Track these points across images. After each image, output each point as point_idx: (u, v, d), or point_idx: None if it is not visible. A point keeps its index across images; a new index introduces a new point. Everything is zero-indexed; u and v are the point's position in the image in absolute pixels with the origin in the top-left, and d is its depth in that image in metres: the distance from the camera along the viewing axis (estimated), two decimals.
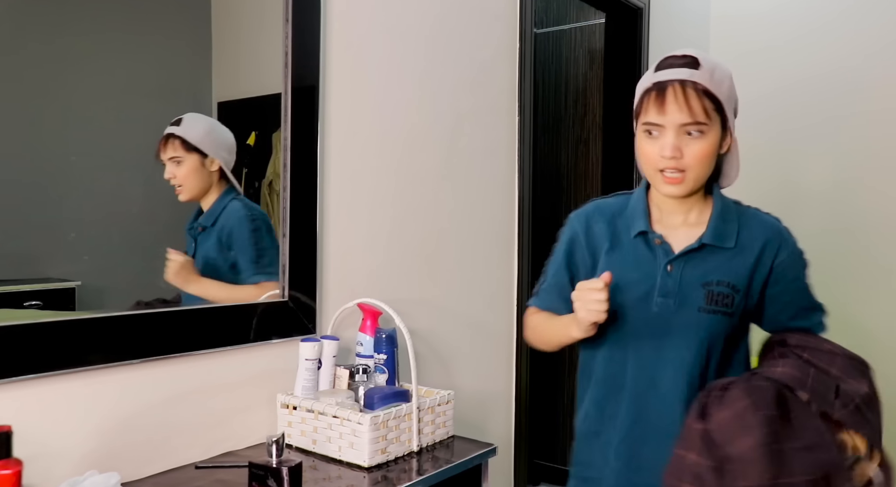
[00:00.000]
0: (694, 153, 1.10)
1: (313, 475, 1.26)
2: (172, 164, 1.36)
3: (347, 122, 1.63)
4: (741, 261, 1.17)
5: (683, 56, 1.12)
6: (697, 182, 1.14)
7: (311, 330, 1.52)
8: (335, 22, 1.58)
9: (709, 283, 1.15)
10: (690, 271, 1.16)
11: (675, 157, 1.10)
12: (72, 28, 1.18)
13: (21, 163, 1.12)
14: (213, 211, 1.43)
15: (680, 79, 1.10)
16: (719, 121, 1.12)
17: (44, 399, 1.12)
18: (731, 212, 1.21)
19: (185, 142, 1.36)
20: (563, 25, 3.17)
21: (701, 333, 1.16)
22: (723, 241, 1.17)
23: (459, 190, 1.96)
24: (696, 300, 1.15)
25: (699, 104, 1.09)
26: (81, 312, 1.18)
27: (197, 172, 1.40)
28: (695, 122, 1.09)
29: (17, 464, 0.93)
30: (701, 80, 1.09)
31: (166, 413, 1.29)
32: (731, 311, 1.16)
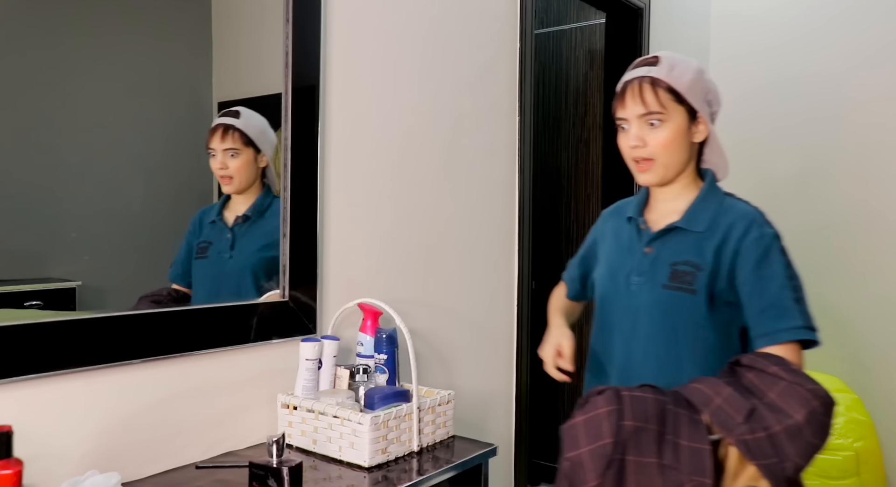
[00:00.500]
0: (656, 141, 1.21)
1: (314, 475, 1.26)
2: (226, 155, 1.37)
3: (348, 122, 1.63)
4: (709, 243, 1.22)
5: (644, 58, 1.26)
6: (668, 168, 1.24)
7: (311, 330, 1.52)
8: (335, 22, 1.58)
9: (676, 263, 1.23)
10: (665, 253, 1.25)
11: (638, 146, 1.22)
12: (73, 29, 1.18)
13: (22, 163, 1.12)
14: (258, 204, 1.45)
15: (639, 76, 1.22)
16: (683, 111, 1.21)
17: (44, 399, 1.12)
18: (712, 199, 1.26)
19: (245, 135, 1.38)
20: (564, 25, 3.17)
21: (662, 308, 1.22)
22: (693, 225, 1.24)
23: (460, 190, 1.96)
24: (661, 278, 1.24)
25: (653, 96, 1.20)
26: (82, 312, 1.18)
27: (249, 167, 1.42)
28: (650, 112, 1.20)
29: (18, 464, 0.93)
30: (658, 74, 1.21)
31: (167, 413, 1.29)
32: (693, 288, 1.20)
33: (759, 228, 1.21)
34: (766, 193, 3.18)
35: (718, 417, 1.02)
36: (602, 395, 1.05)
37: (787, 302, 1.16)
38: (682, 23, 3.15)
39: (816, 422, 1.02)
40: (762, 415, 1.01)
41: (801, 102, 3.07)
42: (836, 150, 3.00)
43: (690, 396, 1.06)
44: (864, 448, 2.60)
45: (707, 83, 1.25)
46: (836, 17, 2.99)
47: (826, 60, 3.01)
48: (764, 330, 1.16)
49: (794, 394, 1.04)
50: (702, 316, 1.20)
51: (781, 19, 3.13)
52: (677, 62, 1.22)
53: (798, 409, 1.02)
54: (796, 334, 1.15)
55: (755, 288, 1.17)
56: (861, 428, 2.63)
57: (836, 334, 2.98)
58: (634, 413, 1.01)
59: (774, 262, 1.18)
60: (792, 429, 1.00)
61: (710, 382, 1.08)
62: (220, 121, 1.37)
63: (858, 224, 2.93)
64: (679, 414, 1.03)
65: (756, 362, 1.09)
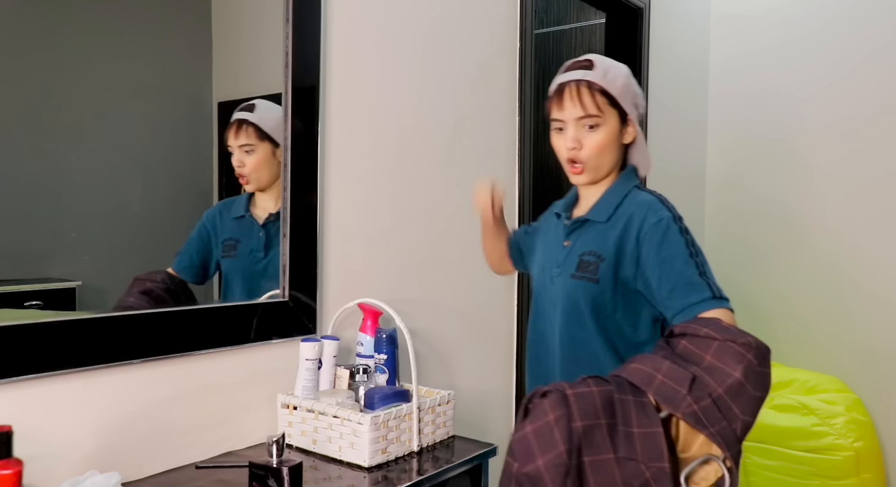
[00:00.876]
0: (591, 144, 1.26)
1: (314, 475, 1.26)
2: (242, 152, 1.30)
3: (348, 122, 1.63)
4: (610, 233, 1.26)
5: (576, 61, 1.30)
6: (599, 170, 1.29)
7: (311, 329, 1.52)
8: (336, 22, 1.58)
9: (583, 253, 1.28)
10: (578, 244, 1.31)
11: (574, 148, 1.26)
12: (73, 28, 1.18)
13: (21, 163, 1.12)
14: None
15: (576, 79, 1.26)
16: (616, 115, 1.27)
17: (44, 398, 1.12)
18: (619, 191, 1.30)
19: (260, 129, 1.31)
20: (564, 25, 3.17)
21: (569, 297, 1.28)
22: (598, 216, 1.29)
23: (460, 189, 1.96)
24: (571, 268, 1.29)
25: (591, 99, 1.24)
26: (82, 312, 1.18)
27: (267, 162, 1.35)
28: (588, 115, 1.25)
29: (18, 464, 0.93)
30: (594, 78, 1.25)
31: (167, 413, 1.29)
32: (596, 278, 1.25)
33: (656, 213, 1.22)
34: (768, 193, 3.18)
35: (663, 394, 1.01)
36: (547, 398, 1.02)
37: (693, 278, 1.17)
38: (682, 23, 3.15)
39: (754, 375, 1.02)
40: (704, 382, 1.01)
41: (802, 101, 3.07)
42: (839, 149, 3.00)
43: (632, 378, 1.05)
44: (865, 449, 2.60)
45: (635, 87, 1.30)
46: (837, 17, 2.98)
47: (826, 60, 3.01)
48: (677, 308, 1.17)
49: (728, 351, 1.03)
50: (606, 304, 1.25)
51: (782, 19, 3.13)
52: (610, 66, 1.28)
53: (735, 366, 1.02)
54: (708, 305, 1.15)
55: (661, 271, 1.19)
56: (861, 429, 2.63)
57: (836, 334, 2.99)
58: (582, 412, 0.99)
59: (674, 243, 1.19)
60: (734, 388, 1.00)
61: (649, 359, 1.07)
62: (235, 117, 1.33)
63: (860, 224, 2.93)
64: (625, 401, 1.02)
65: (687, 328, 1.10)
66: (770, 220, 3.16)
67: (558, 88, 1.28)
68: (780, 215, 3.14)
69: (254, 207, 1.37)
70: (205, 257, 1.34)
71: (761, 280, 3.18)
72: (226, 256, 1.34)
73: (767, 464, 2.62)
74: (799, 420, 2.59)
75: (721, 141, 3.31)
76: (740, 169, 3.26)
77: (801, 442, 2.56)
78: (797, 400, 2.66)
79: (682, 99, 3.17)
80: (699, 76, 3.30)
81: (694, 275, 1.17)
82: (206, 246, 1.33)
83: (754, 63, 3.21)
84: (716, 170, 3.33)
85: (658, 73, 2.89)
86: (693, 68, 3.25)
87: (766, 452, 2.62)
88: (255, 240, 1.36)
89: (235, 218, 1.34)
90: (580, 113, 1.25)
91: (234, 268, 1.35)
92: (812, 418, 2.59)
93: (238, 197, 1.38)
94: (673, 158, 3.07)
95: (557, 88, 1.29)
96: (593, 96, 1.24)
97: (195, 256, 1.33)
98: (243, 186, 1.33)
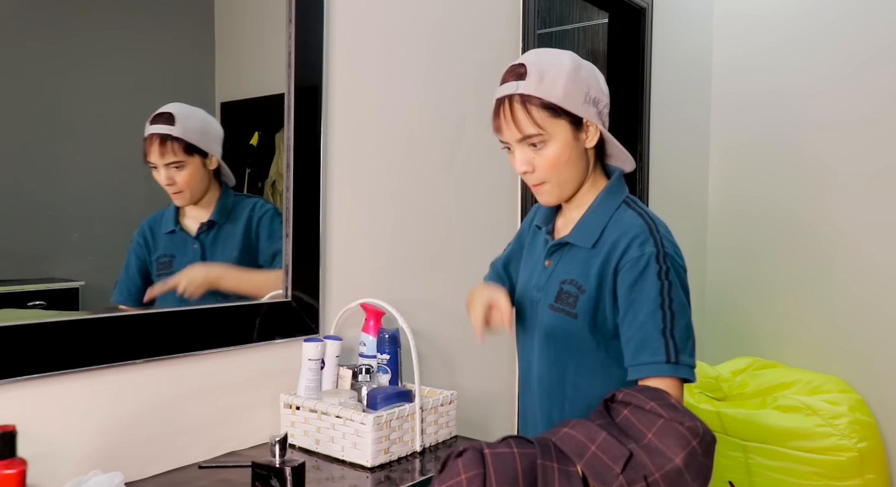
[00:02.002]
0: (543, 163, 1.10)
1: (316, 475, 1.26)
2: (170, 169, 1.22)
3: (351, 122, 1.63)
4: (594, 262, 1.11)
5: (512, 68, 1.11)
6: (564, 186, 1.13)
7: (314, 330, 1.52)
8: (338, 22, 1.58)
9: (564, 281, 1.14)
10: (560, 268, 1.16)
11: (527, 172, 1.11)
12: (75, 28, 1.18)
13: (24, 163, 1.12)
14: (221, 208, 1.34)
15: (508, 94, 1.09)
16: (565, 123, 1.08)
17: (48, 398, 1.12)
18: (605, 210, 1.14)
19: (187, 143, 1.24)
20: (566, 25, 3.17)
21: (545, 330, 1.16)
22: (582, 241, 1.13)
23: (463, 190, 1.96)
24: (550, 297, 1.15)
25: (526, 117, 1.07)
26: (85, 312, 1.18)
27: (199, 175, 1.28)
28: (526, 136, 1.08)
29: (22, 464, 0.93)
30: (527, 90, 1.07)
31: (169, 412, 1.29)
32: (574, 312, 1.11)
33: (640, 247, 1.07)
34: (771, 194, 3.18)
35: (593, 469, 0.92)
36: (462, 457, 0.93)
37: (652, 334, 1.04)
38: (685, 23, 3.14)
39: (696, 465, 0.92)
40: (640, 462, 0.92)
41: (806, 101, 3.07)
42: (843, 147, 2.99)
43: (562, 444, 0.95)
44: (868, 449, 2.59)
45: (586, 80, 1.09)
46: (840, 17, 2.98)
47: (830, 60, 3.00)
48: (628, 361, 1.07)
49: (671, 433, 0.93)
50: (585, 342, 1.12)
51: (785, 19, 3.12)
52: (547, 67, 1.08)
53: (677, 451, 0.91)
54: (655, 370, 1.03)
55: (626, 315, 1.07)
56: (865, 429, 2.63)
57: (839, 335, 2.98)
58: (500, 476, 0.90)
59: (647, 287, 1.05)
60: (671, 474, 0.90)
61: (583, 426, 0.97)
62: (153, 131, 1.22)
63: (865, 225, 2.93)
64: (549, 468, 0.92)
65: (632, 398, 0.98)
66: (773, 221, 3.15)
67: (496, 105, 1.12)
68: (784, 216, 3.13)
69: (184, 219, 1.29)
70: (145, 280, 1.26)
71: (764, 281, 3.17)
72: (161, 274, 1.26)
73: (770, 465, 2.62)
74: (802, 420, 2.59)
75: (724, 141, 3.31)
76: (743, 169, 3.25)
77: (805, 443, 2.56)
78: (800, 401, 2.66)
79: (685, 99, 3.16)
80: (702, 76, 3.30)
81: (654, 331, 1.04)
82: (145, 268, 1.26)
83: (758, 63, 3.20)
84: (719, 171, 3.33)
85: (661, 74, 2.89)
86: (696, 68, 3.24)
87: (769, 452, 2.62)
88: (189, 253, 1.29)
89: (166, 233, 1.27)
90: (517, 135, 1.08)
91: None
92: (815, 418, 2.58)
93: (164, 210, 1.29)
94: (675, 159, 3.07)
95: (495, 105, 1.12)
96: (528, 112, 1.07)
97: (135, 282, 1.25)
98: (175, 201, 1.26)
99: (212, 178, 1.34)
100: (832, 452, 2.53)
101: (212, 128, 1.33)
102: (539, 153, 1.09)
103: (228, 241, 1.37)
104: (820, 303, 3.03)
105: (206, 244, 1.33)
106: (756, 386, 2.88)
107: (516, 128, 1.08)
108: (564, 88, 1.07)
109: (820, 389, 2.80)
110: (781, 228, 3.13)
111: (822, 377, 2.87)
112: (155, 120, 1.23)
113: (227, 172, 1.37)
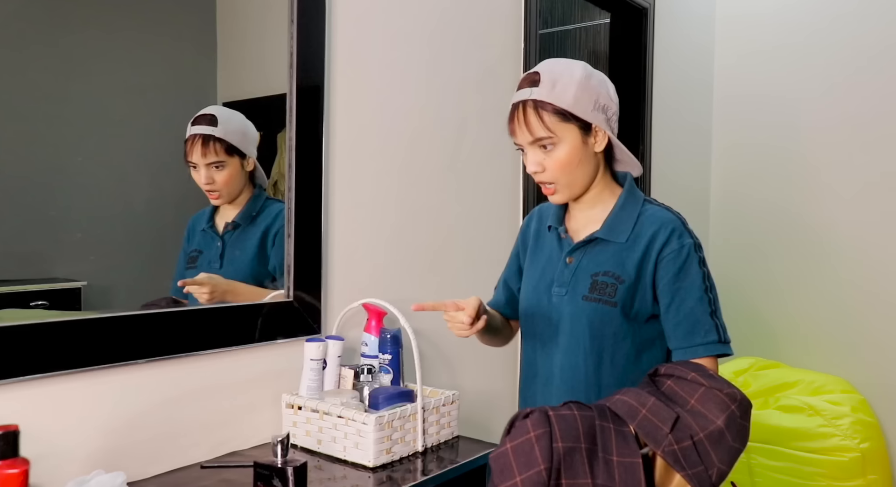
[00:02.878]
0: (552, 165, 1.19)
1: (318, 475, 1.26)
2: (210, 169, 1.28)
3: (353, 123, 1.63)
4: (630, 254, 1.21)
5: (527, 75, 1.20)
6: (572, 187, 1.22)
7: (315, 330, 1.52)
8: (340, 22, 1.58)
9: (596, 274, 1.22)
10: (586, 263, 1.24)
11: (537, 172, 1.20)
12: (78, 28, 1.18)
13: (27, 163, 1.13)
14: (248, 210, 1.39)
15: (522, 100, 1.18)
16: (575, 128, 1.17)
17: (50, 398, 1.13)
18: (632, 208, 1.24)
19: (228, 144, 1.30)
20: (568, 25, 3.17)
21: (583, 321, 1.21)
22: (615, 236, 1.22)
23: (464, 190, 1.96)
24: (582, 289, 1.22)
25: (538, 121, 1.16)
26: (87, 312, 1.18)
27: (237, 176, 1.34)
28: (538, 139, 1.17)
29: (25, 463, 0.93)
30: (540, 96, 1.16)
31: (172, 412, 1.29)
32: (614, 301, 1.19)
33: (679, 239, 1.19)
34: (773, 195, 3.17)
35: (645, 429, 1.01)
36: (529, 418, 1.01)
37: (702, 316, 1.17)
38: (687, 23, 3.14)
39: (736, 426, 1.03)
40: (686, 423, 1.02)
41: (810, 101, 3.06)
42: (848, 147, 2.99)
43: (616, 408, 1.05)
44: (871, 450, 2.59)
45: (596, 88, 1.19)
46: (842, 17, 2.97)
47: (832, 60, 3.00)
48: (679, 343, 1.18)
49: (713, 399, 1.04)
50: (622, 329, 1.20)
51: (787, 20, 3.12)
52: (559, 75, 1.17)
53: (718, 414, 1.03)
54: (710, 349, 1.16)
55: (673, 301, 1.18)
56: (867, 429, 2.62)
57: (842, 335, 2.97)
58: (563, 434, 0.99)
59: (692, 274, 1.18)
60: (714, 435, 1.01)
61: (634, 393, 1.07)
62: (196, 132, 1.29)
63: (866, 225, 2.92)
64: (607, 429, 1.01)
65: (674, 370, 1.10)
66: (774, 222, 3.15)
67: (511, 110, 1.21)
68: (785, 216, 3.13)
69: (218, 217, 1.36)
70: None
71: (766, 281, 3.17)
72: (189, 268, 1.32)
73: (773, 465, 2.61)
74: (804, 421, 2.58)
75: (726, 142, 3.30)
76: (745, 170, 3.25)
77: (807, 443, 2.55)
78: (802, 401, 2.65)
79: (687, 100, 3.16)
80: (704, 77, 3.29)
81: (704, 314, 1.16)
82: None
83: (760, 64, 3.20)
84: (721, 172, 3.32)
85: (662, 74, 2.89)
86: (698, 69, 3.24)
87: (771, 453, 2.61)
88: (213, 250, 1.35)
89: (201, 230, 1.34)
90: (529, 137, 1.18)
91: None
92: (818, 419, 2.58)
93: (207, 208, 1.37)
94: (677, 160, 3.06)
95: (511, 110, 1.22)
96: (540, 117, 1.16)
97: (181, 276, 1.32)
98: (212, 201, 1.32)
99: (247, 180, 1.39)
100: (835, 452, 2.53)
101: (250, 130, 1.39)
102: (549, 155, 1.18)
103: (246, 243, 1.41)
104: (822, 304, 3.02)
105: (227, 243, 1.38)
106: (758, 386, 2.87)
107: (528, 131, 1.17)
108: (575, 95, 1.16)
109: (822, 389, 2.79)
110: (783, 229, 3.13)
111: (824, 377, 2.87)
112: (197, 121, 1.28)
113: (262, 175, 1.42)
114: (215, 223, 1.36)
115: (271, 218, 1.44)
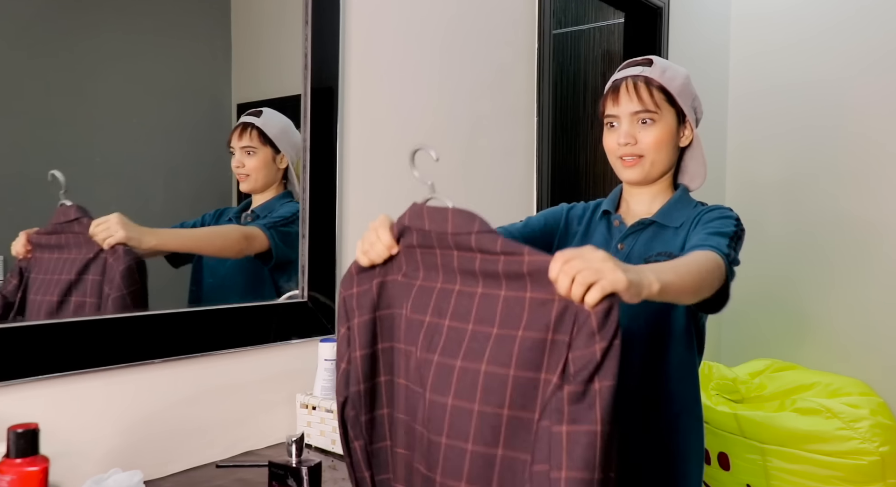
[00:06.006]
0: (647, 139, 1.23)
1: (332, 475, 1.27)
2: (244, 153, 1.38)
3: (366, 123, 1.63)
4: (680, 236, 1.23)
5: (638, 58, 1.29)
6: (654, 167, 1.25)
7: (330, 330, 1.53)
8: (354, 24, 1.59)
9: (649, 257, 1.23)
10: (638, 248, 1.25)
11: (629, 143, 1.23)
12: (95, 30, 1.19)
13: (43, 164, 1.14)
14: (270, 205, 1.44)
15: (633, 75, 1.25)
16: (673, 113, 1.24)
17: (69, 397, 1.14)
18: (686, 203, 1.28)
19: (263, 134, 1.38)
20: (582, 25, 3.15)
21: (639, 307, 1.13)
22: (669, 220, 1.25)
23: (478, 191, 1.96)
24: None
25: (648, 94, 1.22)
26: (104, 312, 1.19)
27: (267, 166, 1.42)
28: (645, 110, 1.22)
29: (44, 461, 0.94)
30: (652, 74, 1.24)
31: (187, 412, 1.30)
32: None
33: (721, 209, 1.22)
34: (787, 193, 3.14)
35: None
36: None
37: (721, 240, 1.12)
38: (702, 23, 3.12)
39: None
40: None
41: (818, 101, 3.03)
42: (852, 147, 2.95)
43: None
44: (891, 453, 2.55)
45: (694, 91, 1.29)
46: (856, 15, 2.94)
47: (846, 58, 2.96)
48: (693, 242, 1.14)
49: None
50: (679, 312, 1.21)
51: (802, 18, 3.09)
52: (669, 66, 1.26)
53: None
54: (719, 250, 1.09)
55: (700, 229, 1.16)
56: (887, 433, 2.58)
57: (860, 336, 2.94)
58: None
59: (726, 225, 1.16)
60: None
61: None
62: (241, 120, 1.39)
63: (883, 224, 2.88)
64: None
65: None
66: (790, 220, 3.12)
67: (614, 85, 1.27)
68: (801, 215, 3.10)
69: (245, 211, 1.43)
70: None
71: (782, 281, 3.13)
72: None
73: (789, 468, 2.58)
74: (822, 423, 2.55)
75: (741, 140, 3.28)
76: (761, 168, 3.22)
77: (824, 446, 2.52)
78: (820, 404, 2.62)
79: (702, 98, 3.12)
80: (719, 76, 3.27)
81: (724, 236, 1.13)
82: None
83: (774, 61, 3.17)
84: (735, 171, 3.30)
85: None
86: (713, 68, 3.22)
87: (788, 456, 2.58)
88: None
89: (227, 220, 1.40)
90: (636, 107, 1.22)
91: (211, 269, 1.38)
92: (835, 421, 2.54)
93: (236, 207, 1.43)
94: None
95: (613, 85, 1.27)
96: (651, 92, 1.22)
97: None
98: (240, 185, 1.40)
99: (279, 178, 1.46)
100: (853, 456, 2.49)
101: (292, 131, 1.46)
102: (645, 129, 1.23)
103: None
104: (839, 305, 2.99)
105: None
106: (774, 388, 2.84)
107: (638, 100, 1.22)
108: (681, 85, 1.25)
109: (840, 392, 2.76)
110: (799, 228, 3.10)
111: (842, 379, 2.83)
112: (248, 113, 1.39)
113: (293, 179, 1.48)
114: (242, 216, 1.42)
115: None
